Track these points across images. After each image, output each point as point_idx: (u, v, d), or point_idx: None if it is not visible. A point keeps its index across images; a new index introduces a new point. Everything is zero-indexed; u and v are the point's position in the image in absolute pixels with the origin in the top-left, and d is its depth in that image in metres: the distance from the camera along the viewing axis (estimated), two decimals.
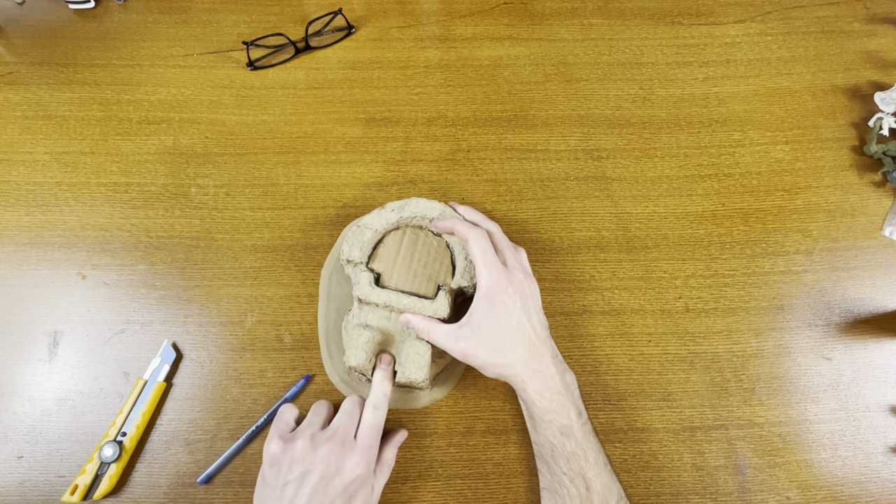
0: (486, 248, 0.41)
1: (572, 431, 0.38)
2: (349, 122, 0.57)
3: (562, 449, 0.37)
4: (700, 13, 0.65)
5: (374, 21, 0.64)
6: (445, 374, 0.45)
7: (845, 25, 0.64)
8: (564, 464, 0.37)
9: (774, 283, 0.50)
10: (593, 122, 0.57)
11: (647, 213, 0.53)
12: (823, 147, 0.56)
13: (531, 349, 0.39)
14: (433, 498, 0.42)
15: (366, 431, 0.38)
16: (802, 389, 0.46)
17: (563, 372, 0.40)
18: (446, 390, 0.45)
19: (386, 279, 0.44)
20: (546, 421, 0.38)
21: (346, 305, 0.47)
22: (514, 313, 0.39)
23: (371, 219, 0.46)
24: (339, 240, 0.50)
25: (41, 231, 0.50)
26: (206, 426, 0.43)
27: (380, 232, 0.46)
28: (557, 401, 0.38)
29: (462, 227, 0.43)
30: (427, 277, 0.44)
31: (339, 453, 0.36)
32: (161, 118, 0.56)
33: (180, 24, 0.62)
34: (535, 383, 0.39)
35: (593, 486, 0.36)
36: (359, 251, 0.44)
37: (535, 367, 0.39)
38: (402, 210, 0.46)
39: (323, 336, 0.46)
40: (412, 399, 0.44)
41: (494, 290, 0.40)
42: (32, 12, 0.63)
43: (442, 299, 0.43)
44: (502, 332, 0.39)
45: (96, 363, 0.45)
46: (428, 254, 0.45)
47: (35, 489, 0.41)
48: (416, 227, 0.47)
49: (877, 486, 0.43)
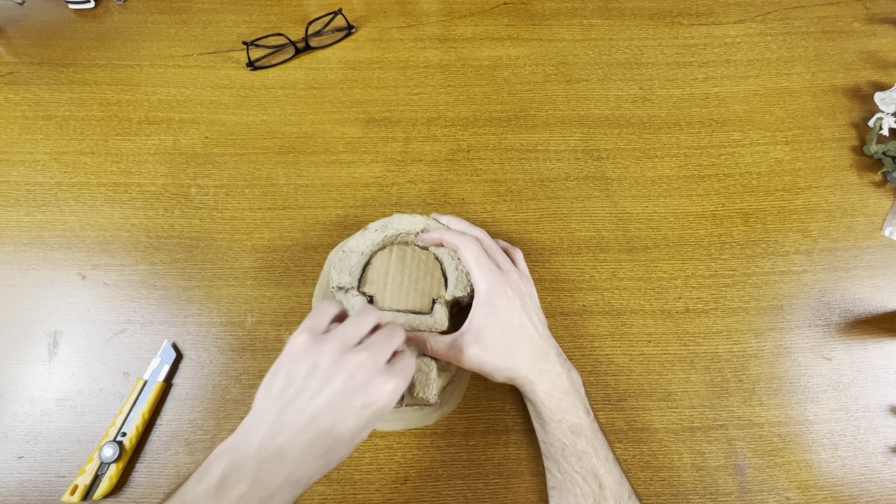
0: (478, 254, 0.41)
1: (582, 430, 0.37)
2: (349, 122, 0.57)
3: (573, 447, 0.37)
4: (700, 13, 0.65)
5: (374, 21, 0.64)
6: (452, 387, 0.44)
7: (845, 25, 0.64)
8: (576, 462, 0.37)
9: (774, 283, 0.50)
10: (593, 122, 0.57)
11: (647, 213, 0.53)
12: (823, 147, 0.56)
13: (536, 349, 0.39)
14: (433, 498, 0.42)
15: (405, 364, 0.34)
16: (802, 389, 0.46)
17: (568, 370, 0.40)
18: (455, 402, 0.44)
19: (379, 301, 0.44)
20: (556, 420, 0.38)
21: None
22: (515, 314, 0.39)
23: (355, 242, 0.45)
24: (326, 267, 0.49)
25: (41, 231, 0.50)
26: (206, 426, 0.43)
27: (366, 254, 0.45)
28: (566, 400, 0.38)
29: (450, 237, 0.43)
30: (420, 293, 0.44)
31: (371, 369, 0.32)
32: (161, 118, 0.56)
33: (180, 24, 0.62)
34: (544, 383, 0.38)
35: (605, 483, 0.36)
36: (348, 276, 0.43)
37: (541, 367, 0.39)
38: (386, 229, 0.45)
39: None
40: (422, 417, 0.44)
41: (493, 293, 0.39)
42: (32, 12, 0.63)
43: (439, 312, 0.43)
44: (505, 335, 0.39)
45: (96, 363, 0.45)
46: (418, 269, 0.45)
47: (35, 489, 0.41)
48: (402, 243, 0.46)
49: (877, 486, 0.43)
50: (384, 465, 0.43)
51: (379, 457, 0.43)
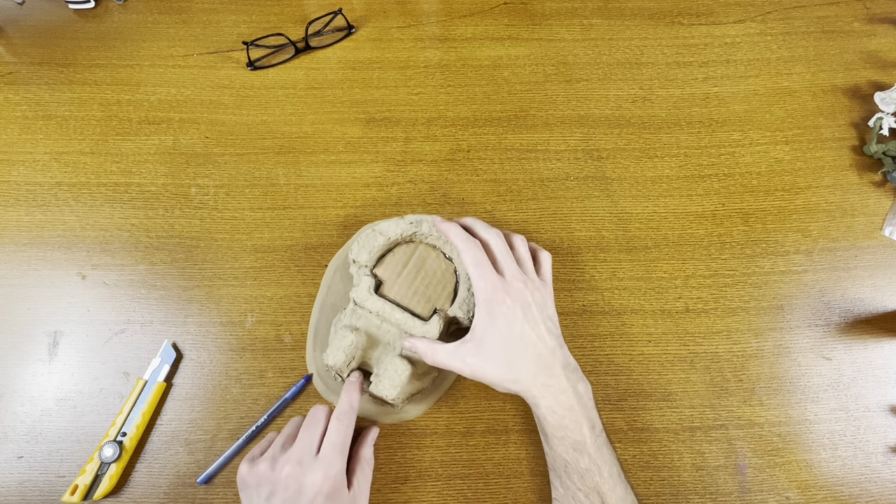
0: (479, 260, 0.40)
1: (585, 448, 0.37)
2: (349, 122, 0.57)
3: (575, 465, 0.37)
4: (700, 13, 0.65)
5: (374, 21, 0.64)
6: (420, 397, 0.44)
7: (845, 25, 0.64)
8: (578, 480, 0.36)
9: (774, 283, 0.50)
10: (593, 122, 0.57)
11: (647, 213, 0.53)
12: (823, 147, 0.56)
13: (539, 361, 0.38)
14: (433, 498, 0.42)
15: (328, 447, 0.37)
16: (802, 389, 0.46)
17: (575, 384, 0.38)
18: (418, 412, 0.44)
19: (386, 288, 0.44)
20: (559, 437, 0.37)
21: (341, 303, 0.47)
22: (517, 324, 0.38)
23: (387, 225, 0.45)
24: (353, 238, 0.49)
25: (41, 231, 0.50)
26: (206, 426, 0.43)
27: (392, 240, 0.45)
28: (569, 417, 0.37)
29: (456, 236, 0.42)
30: (426, 298, 0.44)
31: (299, 474, 0.36)
32: (161, 118, 0.56)
33: (180, 24, 0.62)
34: (546, 398, 0.38)
35: (608, 501, 0.36)
36: (367, 254, 0.44)
37: (544, 382, 0.38)
38: (420, 224, 0.45)
39: (312, 326, 0.46)
40: (382, 413, 0.44)
41: (492, 300, 0.39)
42: (32, 12, 0.63)
43: (434, 323, 0.42)
44: (506, 345, 0.38)
45: (96, 363, 0.45)
46: (433, 275, 0.45)
47: (35, 489, 0.41)
48: (430, 245, 0.46)
49: (877, 486, 0.43)
50: (384, 465, 0.43)
51: (379, 457, 0.43)
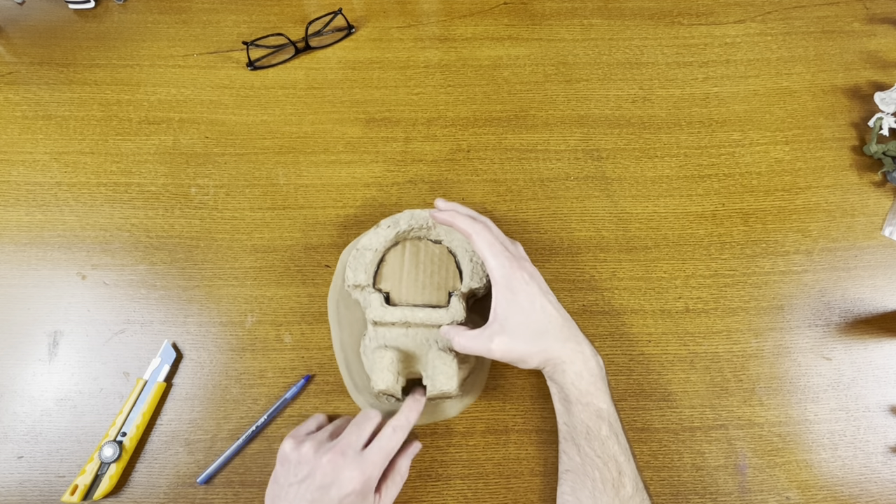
0: (491, 241, 0.40)
1: (607, 416, 0.37)
2: (349, 122, 0.57)
3: (597, 432, 0.37)
4: (700, 13, 0.65)
5: (374, 21, 0.64)
6: (472, 378, 0.44)
7: (845, 25, 0.64)
8: (599, 447, 0.37)
9: (774, 283, 0.50)
10: (593, 122, 0.57)
11: (647, 213, 0.53)
12: (823, 147, 0.56)
13: (563, 330, 0.39)
14: (433, 498, 0.42)
15: (376, 449, 0.37)
16: (802, 389, 0.46)
17: (595, 354, 0.39)
18: (476, 394, 0.44)
19: (395, 297, 0.44)
20: (583, 403, 0.38)
21: (359, 331, 0.46)
22: (537, 298, 0.39)
23: (368, 239, 0.45)
24: (340, 266, 0.48)
25: (41, 231, 0.50)
26: (206, 426, 0.43)
27: (380, 251, 0.45)
28: (596, 384, 0.38)
29: (462, 222, 0.41)
30: (436, 286, 0.44)
31: (340, 464, 0.36)
32: (161, 118, 0.56)
33: (180, 24, 0.62)
34: (577, 364, 0.38)
35: (625, 470, 0.36)
36: (363, 274, 0.44)
37: (573, 347, 0.39)
38: (397, 225, 0.45)
39: (343, 368, 0.45)
40: (442, 411, 0.43)
41: (510, 278, 0.39)
42: (32, 12, 0.63)
43: (456, 304, 0.43)
44: (530, 318, 0.39)
45: (96, 363, 0.45)
46: (432, 263, 0.45)
47: (35, 489, 0.41)
48: (415, 238, 0.46)
49: (877, 486, 0.43)
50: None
51: None
